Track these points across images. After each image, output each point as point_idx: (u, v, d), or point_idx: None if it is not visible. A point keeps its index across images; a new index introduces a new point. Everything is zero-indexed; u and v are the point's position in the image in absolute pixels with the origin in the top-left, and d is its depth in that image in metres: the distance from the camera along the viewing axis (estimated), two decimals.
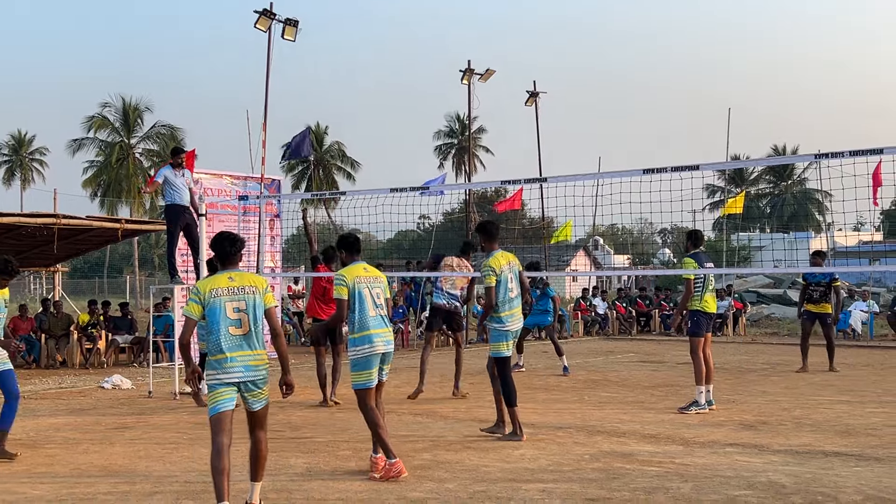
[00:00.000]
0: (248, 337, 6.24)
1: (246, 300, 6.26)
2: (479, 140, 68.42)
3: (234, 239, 6.43)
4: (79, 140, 59.95)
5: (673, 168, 10.25)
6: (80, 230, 19.99)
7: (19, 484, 7.30)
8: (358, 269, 7.70)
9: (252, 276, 6.49)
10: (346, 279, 7.57)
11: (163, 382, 14.41)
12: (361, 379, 7.53)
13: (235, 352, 6.18)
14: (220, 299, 6.19)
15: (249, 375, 6.20)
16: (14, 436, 9.78)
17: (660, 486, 6.95)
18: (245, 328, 6.22)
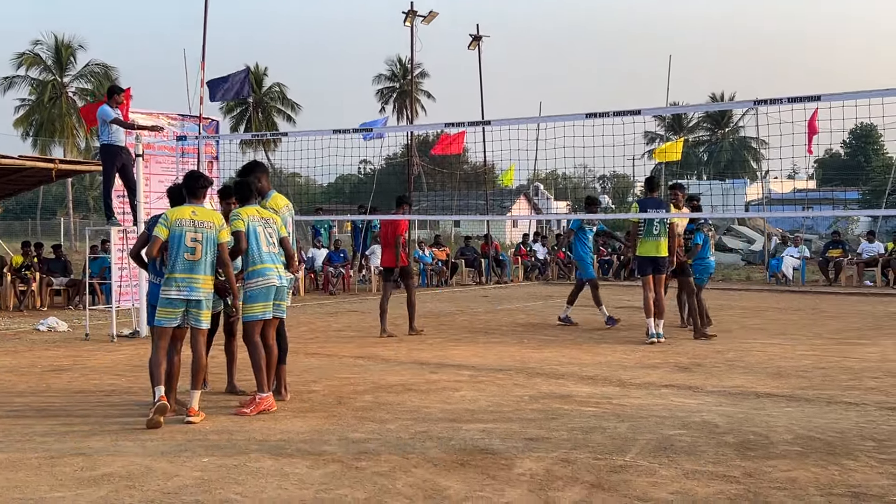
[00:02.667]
0: (199, 263, 7.40)
1: (203, 233, 7.44)
2: (420, 85, 67.90)
3: (201, 177, 7.82)
4: (9, 78, 58.10)
5: (615, 112, 10.32)
6: (12, 170, 19.45)
7: None
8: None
9: (212, 213, 7.67)
10: (242, 216, 7.87)
11: (99, 325, 14.23)
12: (252, 311, 7.82)
13: (186, 273, 7.37)
14: (183, 228, 7.40)
15: (194, 295, 7.38)
16: None
17: (597, 425, 7.09)
18: (197, 255, 7.40)
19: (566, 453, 6.20)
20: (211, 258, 7.48)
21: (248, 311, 7.84)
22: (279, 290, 7.96)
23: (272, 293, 7.88)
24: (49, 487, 5.46)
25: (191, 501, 5.17)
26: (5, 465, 5.96)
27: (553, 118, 11.83)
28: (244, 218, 7.87)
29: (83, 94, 57.72)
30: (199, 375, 7.53)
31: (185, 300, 7.38)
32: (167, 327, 7.40)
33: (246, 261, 7.89)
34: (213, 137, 18.82)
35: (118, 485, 5.50)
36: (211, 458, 6.12)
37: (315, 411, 7.75)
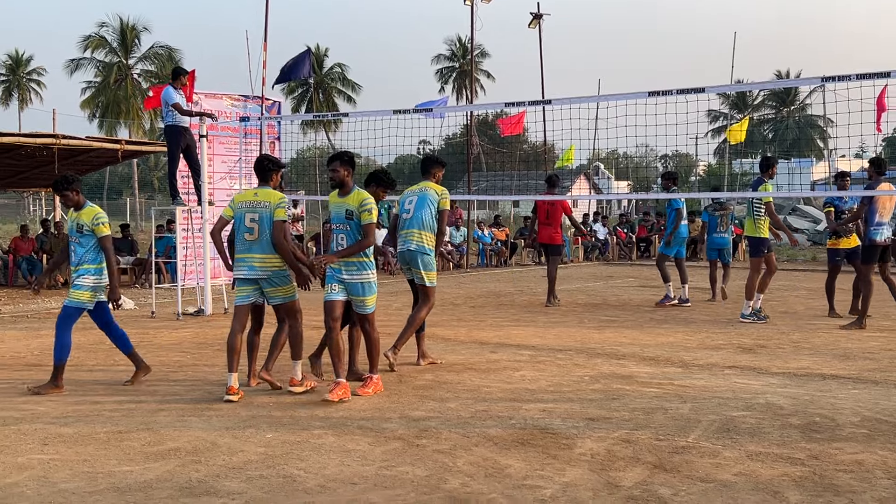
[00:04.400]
0: (256, 243, 7.56)
1: (260, 213, 7.58)
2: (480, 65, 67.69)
3: (269, 159, 7.97)
4: (76, 60, 59.26)
5: (678, 91, 10.19)
6: (80, 151, 19.88)
7: (26, 401, 7.38)
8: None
9: (270, 193, 7.70)
10: (234, 202, 7.85)
11: (165, 303, 14.49)
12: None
13: (245, 253, 7.59)
14: (243, 211, 7.65)
15: (253, 274, 7.57)
16: (19, 354, 9.90)
17: (658, 406, 7.04)
18: (255, 235, 7.56)
19: (627, 434, 6.16)
20: (269, 237, 7.56)
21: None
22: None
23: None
24: (117, 461, 5.59)
25: (255, 476, 5.25)
26: (75, 440, 6.11)
27: (614, 97, 11.70)
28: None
29: (147, 76, 58.66)
30: (295, 348, 7.80)
31: (251, 279, 7.60)
32: (240, 305, 7.70)
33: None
34: (275, 118, 18.98)
35: (184, 459, 5.61)
36: (275, 434, 6.21)
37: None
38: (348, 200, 7.44)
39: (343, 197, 7.50)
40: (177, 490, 5.00)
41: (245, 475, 5.28)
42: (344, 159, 7.49)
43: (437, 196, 9.02)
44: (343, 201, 7.48)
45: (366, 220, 7.41)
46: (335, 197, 7.56)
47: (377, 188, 8.41)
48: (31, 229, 21.20)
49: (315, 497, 4.89)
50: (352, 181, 7.57)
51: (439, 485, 5.08)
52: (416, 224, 8.91)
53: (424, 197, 9.00)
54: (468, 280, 19.60)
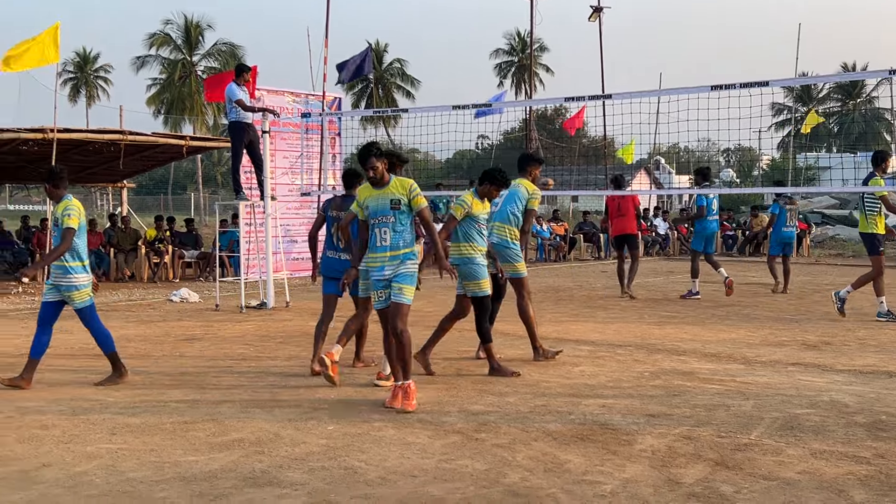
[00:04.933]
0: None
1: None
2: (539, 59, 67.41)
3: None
4: (142, 57, 60.42)
5: (741, 84, 10.03)
6: (146, 146, 20.28)
7: (95, 391, 7.57)
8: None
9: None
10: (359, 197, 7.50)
11: (229, 296, 14.72)
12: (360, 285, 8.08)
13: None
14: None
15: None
16: (88, 346, 10.13)
17: (721, 403, 6.98)
18: None
19: (689, 430, 6.12)
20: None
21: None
22: None
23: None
24: (183, 451, 5.71)
25: (317, 467, 5.33)
26: (142, 430, 6.26)
27: (676, 91, 11.58)
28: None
29: (211, 73, 59.51)
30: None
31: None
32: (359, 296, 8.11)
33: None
34: (335, 114, 19.14)
35: (248, 450, 5.72)
36: (336, 427, 6.29)
37: (435, 383, 7.86)
38: (391, 190, 6.99)
39: (381, 188, 7.02)
40: (241, 480, 5.10)
41: (307, 466, 5.36)
42: (378, 153, 7.02)
43: (528, 195, 9.00)
44: (383, 192, 7.01)
45: (421, 205, 7.00)
46: (369, 190, 7.08)
47: (491, 186, 8.28)
48: (99, 223, 21.64)
49: (376, 489, 4.94)
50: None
51: (499, 479, 5.11)
52: (500, 217, 8.94)
53: (515, 192, 8.98)
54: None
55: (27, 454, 5.67)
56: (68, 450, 5.76)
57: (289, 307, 13.65)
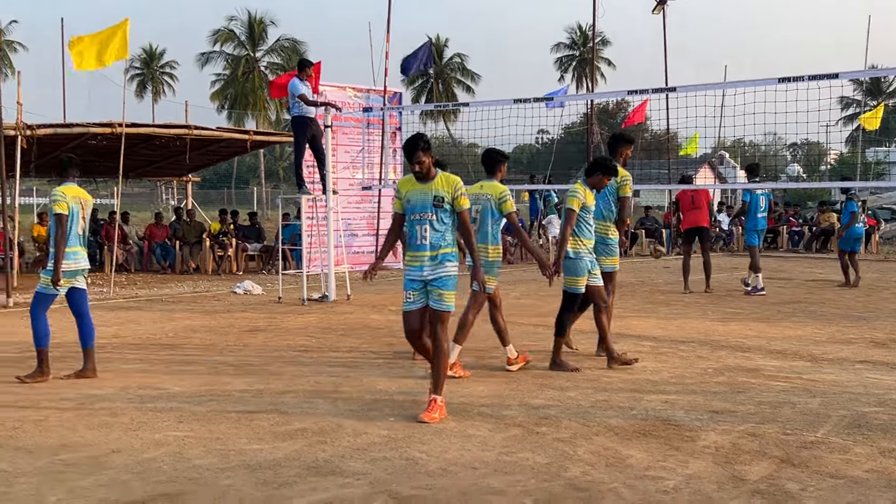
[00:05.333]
0: (478, 232, 7.89)
1: (482, 204, 7.99)
2: (601, 52, 66.89)
3: (497, 151, 8.34)
4: (206, 53, 61.32)
5: (810, 77, 9.84)
6: (211, 141, 20.59)
7: (161, 381, 7.72)
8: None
9: (494, 186, 8.05)
10: (66, 197, 7.89)
11: (291, 289, 14.89)
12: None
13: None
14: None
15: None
16: (155, 336, 10.35)
17: (786, 400, 6.87)
18: (476, 226, 7.88)
19: (753, 427, 6.04)
20: (488, 228, 7.96)
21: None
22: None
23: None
24: (248, 440, 5.80)
25: (378, 458, 5.37)
26: (208, 418, 6.37)
27: (742, 83, 11.42)
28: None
29: (274, 69, 60.21)
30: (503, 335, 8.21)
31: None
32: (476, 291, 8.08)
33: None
34: (396, 109, 19.23)
35: (311, 440, 5.78)
36: (397, 418, 6.33)
37: (495, 377, 7.87)
38: (436, 186, 6.52)
39: (426, 182, 6.54)
40: (304, 469, 5.16)
41: (369, 456, 5.40)
42: (425, 147, 6.50)
43: (616, 182, 8.61)
44: (427, 188, 6.53)
45: (464, 206, 6.56)
46: (413, 183, 6.59)
47: (602, 176, 8.15)
48: (165, 217, 22.05)
49: (436, 480, 4.97)
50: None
51: (560, 472, 5.10)
52: (595, 215, 8.54)
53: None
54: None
55: (97, 440, 5.81)
56: (137, 437, 5.88)
57: (350, 300, 13.76)
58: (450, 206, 6.52)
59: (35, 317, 7.82)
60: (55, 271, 7.66)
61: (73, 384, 7.57)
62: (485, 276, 7.39)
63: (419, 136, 6.54)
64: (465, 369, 7.96)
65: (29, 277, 17.60)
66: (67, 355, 8.55)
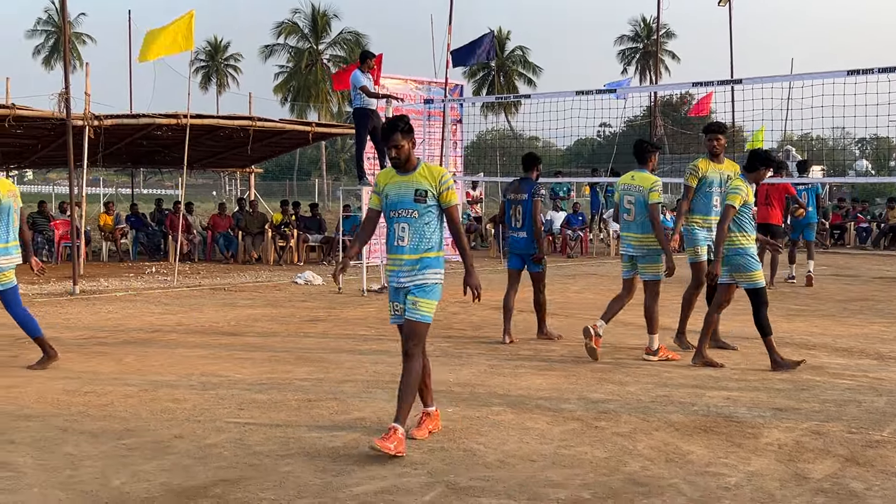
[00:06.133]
0: (634, 223, 8.42)
1: (635, 196, 8.31)
2: (665, 45, 66.09)
3: (647, 142, 8.59)
4: (270, 46, 61.97)
5: (880, 69, 9.61)
6: (274, 132, 20.81)
7: (224, 368, 7.83)
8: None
9: (646, 177, 8.36)
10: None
11: (351, 280, 14.99)
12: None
13: (624, 232, 8.62)
14: (622, 193, 8.49)
15: (634, 252, 8.49)
16: (217, 324, 10.50)
17: (851, 398, 6.73)
18: (632, 216, 8.36)
19: (818, 425, 5.93)
20: (641, 219, 8.26)
21: None
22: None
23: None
24: (307, 428, 5.86)
25: (436, 448, 5.38)
26: (269, 406, 6.44)
27: (809, 76, 11.20)
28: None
29: (336, 61, 60.61)
30: (651, 322, 8.40)
31: (630, 255, 8.49)
32: (626, 278, 8.62)
33: None
34: (457, 100, 19.21)
35: (370, 429, 5.81)
36: (455, 409, 6.33)
37: (554, 370, 7.83)
38: (417, 178, 5.59)
39: (406, 174, 5.63)
40: (363, 457, 5.19)
41: (427, 447, 5.42)
42: (405, 129, 5.57)
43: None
44: (407, 179, 5.60)
45: (452, 202, 5.65)
46: (392, 175, 5.69)
47: (765, 169, 8.11)
48: (228, 207, 22.34)
49: (494, 471, 4.96)
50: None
51: (619, 467, 5.05)
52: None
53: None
54: None
55: (160, 426, 5.91)
56: (199, 423, 5.98)
57: None
58: (435, 203, 5.59)
59: (14, 314, 7.81)
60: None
61: (139, 370, 7.72)
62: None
63: (399, 117, 5.70)
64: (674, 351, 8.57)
65: (95, 266, 18.00)
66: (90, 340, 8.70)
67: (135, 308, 11.96)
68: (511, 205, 9.47)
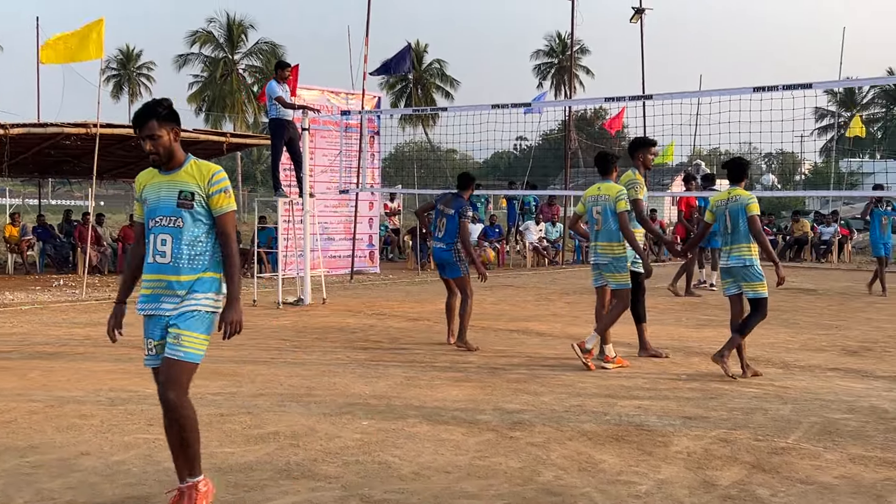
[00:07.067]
0: (602, 231, 8.57)
1: (603, 205, 8.52)
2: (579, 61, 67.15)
3: (609, 153, 8.89)
4: (184, 55, 61.04)
5: (784, 86, 9.92)
6: (187, 143, 20.43)
7: (134, 383, 7.66)
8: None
9: (611, 187, 8.56)
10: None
11: (266, 292, 14.83)
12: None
13: (593, 241, 8.72)
14: (591, 204, 8.67)
15: (600, 259, 8.65)
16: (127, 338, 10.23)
17: (758, 406, 6.91)
18: (600, 226, 8.55)
19: (725, 433, 6.07)
20: (611, 226, 8.45)
21: None
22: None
23: None
24: (219, 443, 5.76)
25: (351, 461, 5.35)
26: None
27: (717, 92, 11.49)
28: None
29: (252, 71, 60.03)
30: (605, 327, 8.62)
31: (595, 263, 8.70)
32: (595, 286, 8.88)
33: None
34: (374, 112, 19.21)
35: (283, 443, 5.75)
36: (371, 422, 6.31)
37: (470, 380, 7.86)
38: (182, 177, 4.43)
39: (168, 173, 4.45)
40: (276, 472, 5.13)
41: (342, 460, 5.38)
42: (165, 116, 4.40)
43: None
44: (169, 180, 4.44)
45: (225, 209, 4.44)
46: (153, 175, 4.51)
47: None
48: None
49: (409, 484, 4.95)
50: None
51: (533, 477, 5.09)
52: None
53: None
54: (563, 276, 19.52)
55: (66, 442, 5.75)
56: (106, 439, 5.83)
57: (325, 304, 13.71)
58: (204, 208, 4.42)
59: None
60: None
61: (44, 385, 7.49)
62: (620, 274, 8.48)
63: (158, 100, 4.47)
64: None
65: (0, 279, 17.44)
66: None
67: (41, 322, 11.62)
68: (439, 214, 9.89)
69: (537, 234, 23.46)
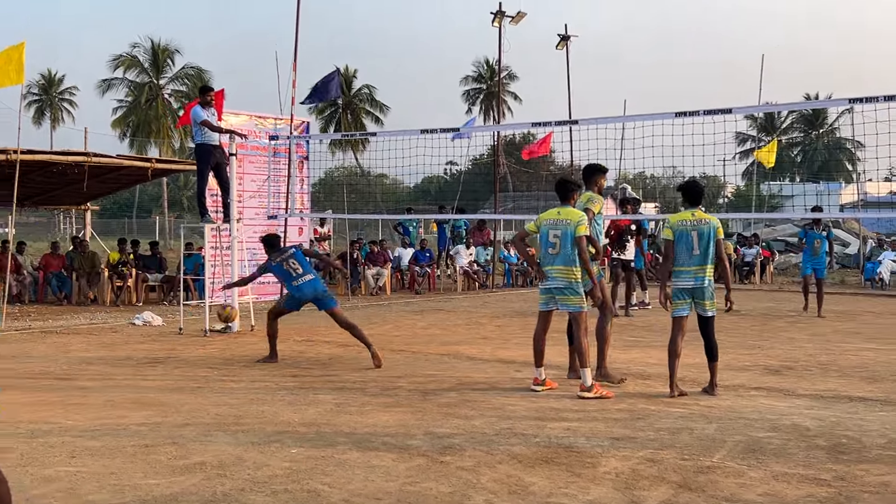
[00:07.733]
0: (559, 256, 8.47)
1: (562, 230, 8.46)
2: (507, 87, 67.85)
3: (570, 180, 9.01)
4: (108, 80, 60.11)
5: (705, 111, 10.16)
6: (111, 169, 20.14)
7: (54, 415, 7.46)
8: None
9: (571, 212, 8.57)
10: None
11: (193, 320, 14.60)
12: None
13: (548, 266, 8.65)
14: (547, 227, 8.58)
15: (556, 283, 8.61)
16: (48, 368, 10.01)
17: (684, 426, 7.01)
18: (557, 250, 8.48)
19: (652, 453, 6.14)
20: (569, 251, 8.44)
21: None
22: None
23: None
24: (143, 475, 5.64)
25: (280, 490, 5.28)
26: (102, 453, 6.17)
27: (641, 117, 11.70)
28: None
29: (178, 96, 59.34)
30: (581, 356, 8.52)
31: (550, 288, 8.63)
32: (543, 311, 8.79)
33: None
34: (303, 137, 19.12)
35: (210, 473, 5.65)
36: (300, 450, 6.24)
37: (401, 406, 7.83)
38: None
39: None
40: (203, 503, 5.04)
41: (270, 489, 5.31)
42: None
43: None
44: None
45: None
46: None
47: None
48: (62, 246, 21.40)
49: None
50: None
51: (463, 501, 5.09)
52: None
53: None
54: (494, 300, 19.60)
55: None
56: (26, 472, 5.67)
57: (253, 331, 13.55)
58: None
59: None
60: None
61: None
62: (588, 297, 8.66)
63: None
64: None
65: None
66: None
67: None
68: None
69: (468, 258, 23.54)
